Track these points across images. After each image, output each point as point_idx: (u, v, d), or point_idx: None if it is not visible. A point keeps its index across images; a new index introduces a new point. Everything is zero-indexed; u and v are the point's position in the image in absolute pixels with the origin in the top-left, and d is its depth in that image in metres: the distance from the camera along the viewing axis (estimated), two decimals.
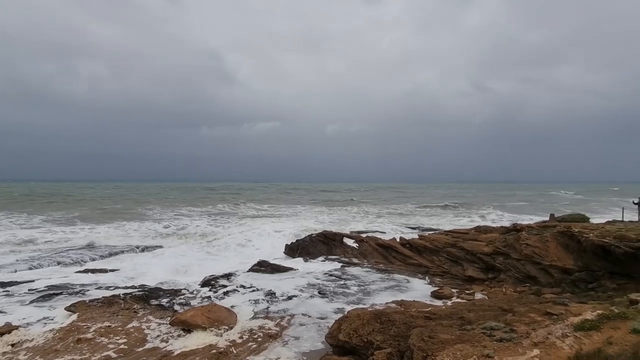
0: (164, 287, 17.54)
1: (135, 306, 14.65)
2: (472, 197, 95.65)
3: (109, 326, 12.87)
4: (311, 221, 44.38)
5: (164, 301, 15.39)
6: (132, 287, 17.39)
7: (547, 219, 27.01)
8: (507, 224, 32.19)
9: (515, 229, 21.38)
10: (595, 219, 27.38)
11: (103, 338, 12.04)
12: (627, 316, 7.05)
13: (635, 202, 25.28)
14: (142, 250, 28.07)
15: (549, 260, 17.28)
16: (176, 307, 14.85)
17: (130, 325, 13.06)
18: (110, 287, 17.65)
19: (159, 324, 13.17)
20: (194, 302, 15.44)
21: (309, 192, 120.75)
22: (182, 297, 16.11)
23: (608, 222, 23.55)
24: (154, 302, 15.20)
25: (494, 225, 29.48)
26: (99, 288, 17.46)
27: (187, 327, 12.41)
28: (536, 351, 6.03)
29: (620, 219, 26.11)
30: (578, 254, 16.85)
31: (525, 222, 26.23)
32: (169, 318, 13.44)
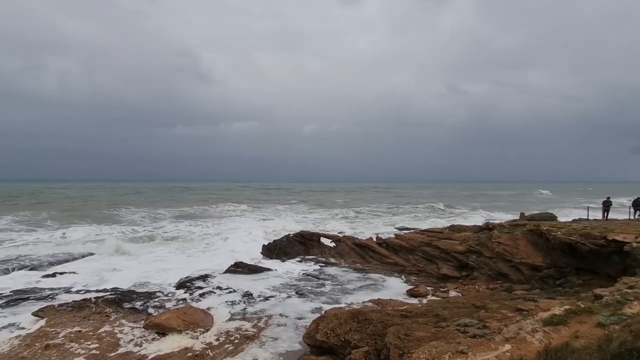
0: (138, 289, 17.14)
1: (107, 310, 14.26)
2: (447, 197, 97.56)
3: (79, 331, 12.48)
4: (289, 221, 44.28)
5: (138, 304, 15.04)
6: (104, 290, 16.91)
7: (517, 217, 27.84)
8: (480, 222, 33.03)
9: (488, 227, 21.98)
10: (563, 218, 28.44)
11: (73, 343, 11.67)
12: (592, 311, 7.38)
13: (604, 200, 26.31)
14: (116, 252, 27.31)
15: (519, 258, 17.84)
16: (150, 310, 14.55)
17: (102, 330, 12.71)
18: (81, 290, 17.11)
19: (133, 328, 12.87)
20: (169, 305, 15.17)
21: (287, 192, 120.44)
22: (156, 299, 15.78)
23: (574, 221, 24.49)
24: (127, 305, 14.83)
25: (468, 224, 30.18)
26: (69, 292, 16.92)
27: (162, 330, 12.17)
28: (508, 346, 6.23)
29: (586, 218, 27.19)
30: (546, 252, 17.46)
31: (497, 221, 26.97)
32: (142, 321, 13.15)
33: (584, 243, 15.69)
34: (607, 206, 25.70)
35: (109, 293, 16.18)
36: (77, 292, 16.91)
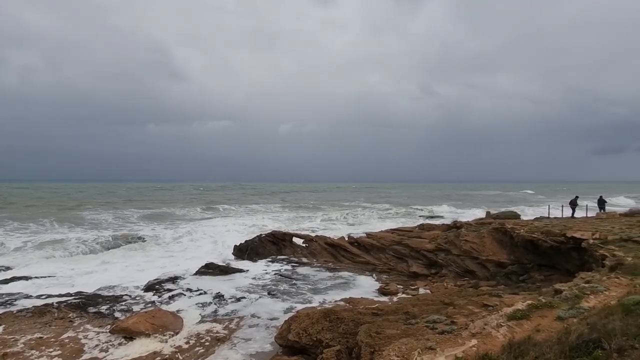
0: (103, 293, 16.61)
1: (70, 315, 13.73)
2: (418, 196, 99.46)
3: (40, 338, 11.96)
4: (261, 221, 43.91)
5: (103, 308, 14.56)
6: (67, 294, 16.25)
7: (484, 216, 28.75)
8: (449, 221, 33.88)
9: (456, 226, 22.62)
10: (525, 216, 29.60)
11: (34, 351, 11.17)
12: (552, 305, 7.73)
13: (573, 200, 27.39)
14: (80, 255, 26.29)
15: (485, 255, 18.45)
16: (117, 314, 14.12)
17: (65, 336, 12.23)
18: (42, 295, 16.36)
19: (98, 333, 12.45)
20: (136, 308, 14.77)
21: (260, 192, 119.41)
22: (123, 303, 15.33)
23: (536, 219, 25.53)
24: (92, 309, 14.34)
25: (437, 222, 30.89)
26: (29, 297, 16.14)
27: (129, 335, 11.84)
28: (474, 341, 6.44)
29: (547, 216, 28.38)
30: (511, 249, 18.15)
31: (465, 219, 27.77)
32: (109, 326, 12.76)
33: (545, 240, 16.42)
34: (573, 205, 26.56)
35: (72, 297, 15.58)
36: (38, 297, 16.18)
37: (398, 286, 17.91)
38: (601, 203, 27.20)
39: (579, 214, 26.35)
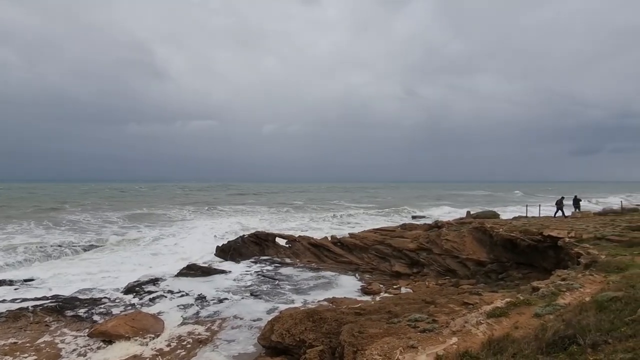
0: (81, 296, 16.20)
1: (47, 319, 13.37)
2: (402, 197, 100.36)
3: (14, 343, 11.62)
4: (245, 221, 43.62)
5: (82, 311, 14.22)
6: (44, 298, 15.81)
7: (464, 215, 29.23)
8: (430, 221, 34.31)
9: (437, 225, 22.94)
10: (504, 215, 30.22)
11: (7, 357, 10.84)
12: (530, 302, 7.94)
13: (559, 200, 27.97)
14: (58, 257, 25.61)
15: (466, 254, 18.77)
16: (95, 318, 13.81)
17: (41, 341, 11.90)
18: (17, 299, 15.84)
19: (76, 337, 12.17)
20: (116, 311, 14.48)
21: (244, 192, 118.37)
22: (102, 306, 15.01)
23: (514, 218, 26.12)
24: (69, 313, 13.98)
25: (419, 222, 31.26)
26: (3, 301, 15.62)
27: (109, 338, 11.61)
28: (455, 339, 6.56)
29: (525, 215, 29.05)
30: (490, 248, 18.52)
31: (445, 219, 28.18)
32: (87, 330, 12.48)
33: (523, 239, 16.81)
34: (560, 205, 26.85)
35: (49, 301, 15.17)
36: (13, 300, 15.67)
37: (381, 285, 18.05)
38: (576, 202, 27.95)
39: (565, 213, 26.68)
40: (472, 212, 28.96)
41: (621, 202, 30.99)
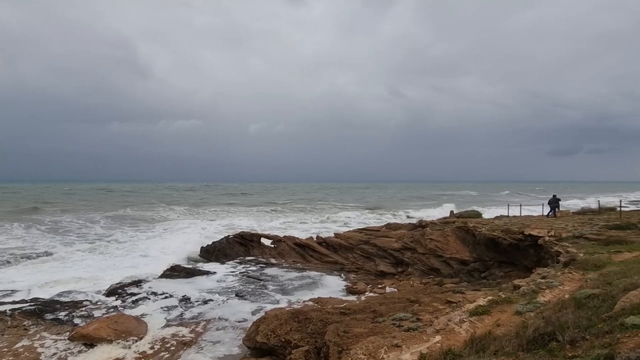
0: (62, 299, 15.84)
1: (25, 323, 13.04)
2: (386, 197, 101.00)
3: None
4: (230, 222, 43.28)
5: (62, 315, 13.91)
6: (22, 301, 15.41)
7: (448, 215, 29.61)
8: (414, 220, 34.65)
9: (421, 225, 23.19)
10: (487, 215, 30.72)
11: None
12: (511, 300, 8.10)
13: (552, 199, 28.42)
14: (36, 259, 24.97)
15: (449, 253, 19.03)
16: (76, 321, 13.53)
17: (19, 345, 11.61)
18: None
19: (56, 341, 11.90)
20: (98, 314, 14.21)
21: (230, 192, 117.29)
22: (83, 309, 14.71)
23: (496, 217, 26.57)
24: (49, 316, 13.66)
25: (403, 222, 31.54)
26: None
27: (90, 342, 11.39)
28: (438, 337, 6.64)
29: (506, 214, 29.57)
30: (473, 247, 18.81)
31: (429, 219, 28.51)
32: (67, 333, 12.21)
33: (504, 238, 17.12)
34: (552, 204, 26.96)
35: (27, 304, 14.79)
36: None
37: (366, 285, 18.16)
38: (555, 202, 28.53)
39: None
40: (455, 212, 29.36)
41: (598, 201, 31.82)
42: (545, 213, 27.13)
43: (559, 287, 8.55)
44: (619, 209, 23.75)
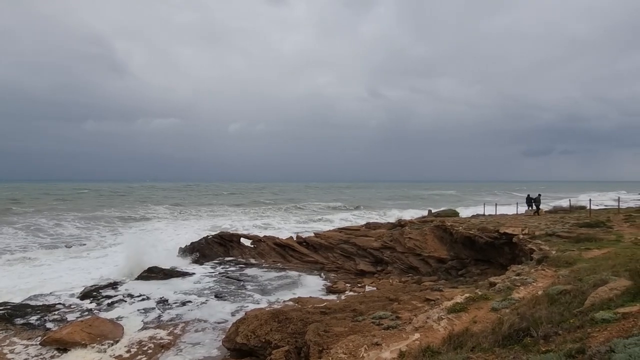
0: (33, 303, 15.32)
1: None
2: (367, 196, 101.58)
3: None
4: (210, 222, 42.71)
5: (33, 319, 13.45)
6: None
7: (426, 214, 30.04)
8: (393, 219, 34.99)
9: (400, 224, 23.45)
10: (464, 214, 31.32)
11: None
12: (487, 297, 8.29)
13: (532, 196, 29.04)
14: (7, 261, 24.02)
15: (427, 252, 19.32)
16: (49, 325, 13.11)
17: None
18: None
19: (27, 346, 11.51)
20: (71, 317, 13.82)
21: (211, 191, 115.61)
22: (56, 312, 14.27)
23: (473, 216, 27.12)
24: (19, 321, 13.18)
25: (383, 221, 31.83)
26: None
27: (63, 346, 11.07)
28: (417, 335, 6.75)
29: (482, 213, 30.20)
30: (450, 245, 19.15)
31: (408, 218, 28.85)
32: (39, 338, 11.83)
33: (481, 236, 17.50)
34: (537, 202, 27.41)
35: None
36: None
37: (346, 284, 18.25)
38: (529, 201, 29.31)
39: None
40: (433, 211, 29.82)
41: (569, 200, 32.86)
42: (522, 211, 27.91)
43: (533, 284, 8.80)
44: (588, 207, 24.59)
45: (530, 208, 28.42)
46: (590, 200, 25.82)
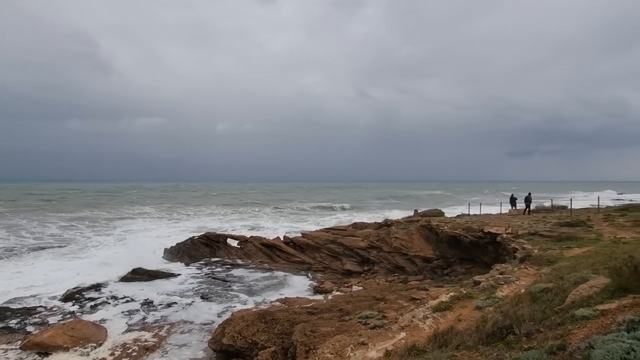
0: (12, 306, 14.96)
1: None
2: (354, 196, 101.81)
3: None
4: (196, 222, 42.29)
5: (13, 322, 13.16)
6: None
7: (412, 214, 30.28)
8: (380, 219, 35.17)
9: (387, 224, 23.60)
10: (449, 213, 31.64)
11: None
12: (472, 296, 8.41)
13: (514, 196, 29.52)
14: None
15: (414, 251, 19.49)
16: (29, 328, 12.83)
17: None
18: None
19: (6, 351, 11.24)
20: (53, 320, 13.54)
21: (197, 191, 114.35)
22: (37, 315, 13.97)
23: (458, 216, 27.45)
24: None
25: (369, 221, 31.97)
26: None
27: (45, 350, 10.84)
28: (403, 334, 6.81)
29: (467, 213, 30.58)
30: (436, 244, 19.36)
31: (395, 218, 29.03)
32: (19, 342, 11.56)
33: (465, 236, 17.73)
34: (528, 201, 27.75)
35: None
36: None
37: (332, 284, 18.28)
38: (513, 201, 29.85)
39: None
40: (419, 211, 30.08)
41: (551, 200, 33.52)
42: (506, 210, 28.45)
43: (516, 282, 8.96)
44: (569, 207, 25.12)
45: (513, 208, 28.95)
46: (571, 199, 26.38)
